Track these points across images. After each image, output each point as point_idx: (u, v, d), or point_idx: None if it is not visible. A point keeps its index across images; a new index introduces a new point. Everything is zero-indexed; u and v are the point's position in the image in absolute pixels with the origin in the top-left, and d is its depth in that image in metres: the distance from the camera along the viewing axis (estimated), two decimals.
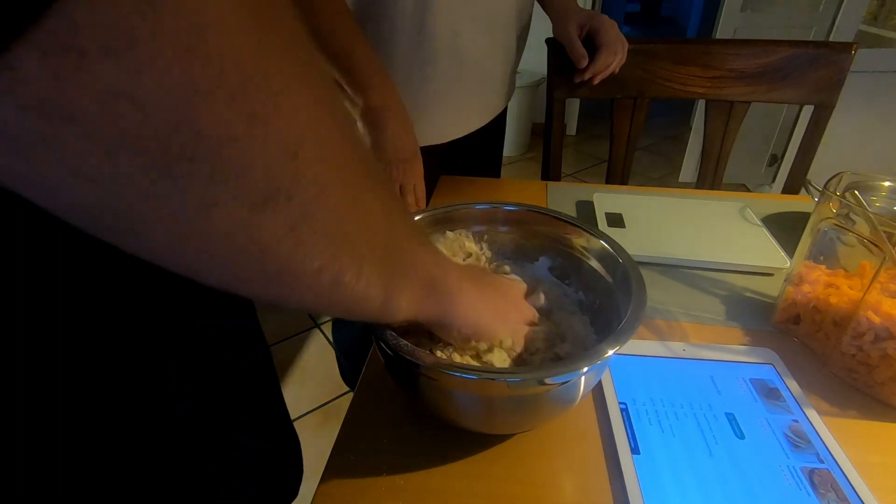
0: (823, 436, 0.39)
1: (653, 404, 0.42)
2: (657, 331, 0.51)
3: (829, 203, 0.45)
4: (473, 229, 0.48)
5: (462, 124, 0.81)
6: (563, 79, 0.89)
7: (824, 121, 0.88)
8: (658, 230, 0.65)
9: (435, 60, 0.71)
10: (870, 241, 0.42)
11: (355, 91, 0.58)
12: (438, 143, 0.78)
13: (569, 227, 0.45)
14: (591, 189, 0.76)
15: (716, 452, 0.38)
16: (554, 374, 0.31)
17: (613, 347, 0.32)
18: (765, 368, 0.46)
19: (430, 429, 0.40)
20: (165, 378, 0.35)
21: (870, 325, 0.42)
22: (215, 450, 0.41)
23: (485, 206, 0.48)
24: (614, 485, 0.36)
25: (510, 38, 0.80)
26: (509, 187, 0.81)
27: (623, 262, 0.41)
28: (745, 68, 0.86)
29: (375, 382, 0.44)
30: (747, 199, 0.74)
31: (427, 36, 0.68)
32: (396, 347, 0.32)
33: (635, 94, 0.91)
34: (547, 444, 0.39)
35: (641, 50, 0.87)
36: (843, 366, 0.44)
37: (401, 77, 0.70)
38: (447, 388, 0.34)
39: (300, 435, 0.54)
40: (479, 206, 0.47)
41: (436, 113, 0.76)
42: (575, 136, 3.23)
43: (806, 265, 0.48)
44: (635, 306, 0.36)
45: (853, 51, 0.83)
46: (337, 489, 0.36)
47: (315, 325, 1.67)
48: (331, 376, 1.50)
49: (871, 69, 1.76)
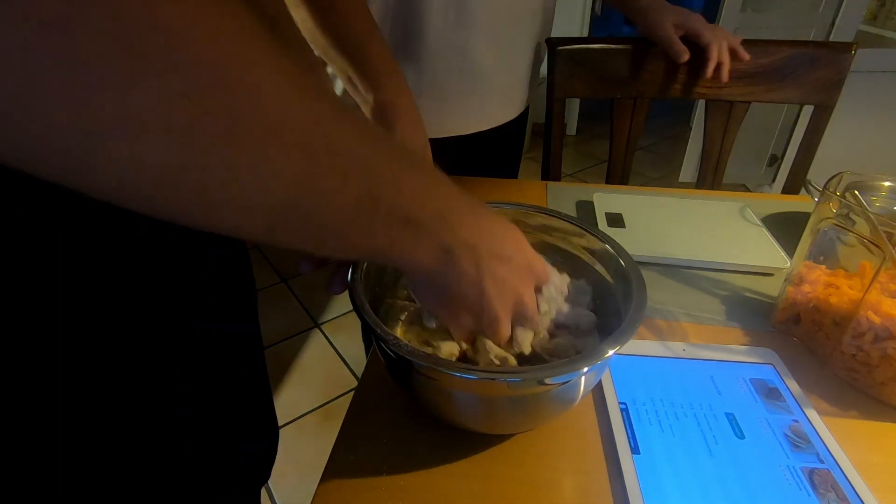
0: (823, 436, 0.39)
1: (653, 404, 0.42)
2: (657, 331, 0.51)
3: (829, 203, 0.45)
4: None
5: (458, 124, 0.81)
6: (563, 79, 0.89)
7: (824, 121, 0.88)
8: (658, 230, 0.65)
9: (429, 56, 0.72)
10: (870, 241, 0.42)
11: (367, 87, 0.57)
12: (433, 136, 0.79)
13: (569, 227, 0.45)
14: (591, 189, 0.76)
15: (716, 452, 0.38)
16: (554, 374, 0.31)
17: (613, 347, 0.32)
18: (765, 368, 0.46)
19: (430, 429, 0.40)
20: (167, 383, 0.35)
21: (870, 325, 0.42)
22: (213, 454, 0.41)
23: None
24: (614, 485, 0.36)
25: (522, 48, 0.81)
26: (509, 187, 0.81)
27: (623, 262, 0.41)
28: (745, 68, 0.86)
29: (375, 382, 0.44)
30: (747, 199, 0.74)
31: (416, 32, 0.69)
32: (396, 347, 0.32)
33: (635, 94, 0.91)
34: (547, 444, 0.39)
35: (641, 50, 0.87)
36: (843, 366, 0.44)
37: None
38: (447, 389, 0.34)
39: (300, 435, 0.55)
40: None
41: (432, 107, 0.77)
42: (575, 136, 3.23)
43: (806, 265, 0.48)
44: (635, 306, 0.36)
45: (853, 51, 0.83)
46: (337, 489, 0.36)
47: (315, 325, 1.67)
48: (331, 376, 1.50)
49: (871, 69, 1.76)
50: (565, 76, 0.89)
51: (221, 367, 0.41)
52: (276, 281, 1.86)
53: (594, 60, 0.88)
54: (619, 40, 0.88)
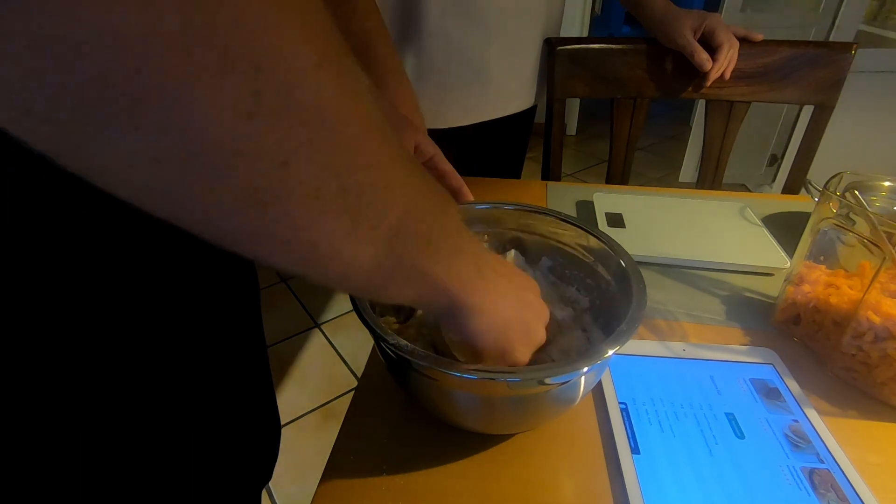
0: (823, 436, 0.39)
1: (653, 404, 0.42)
2: (657, 331, 0.51)
3: (829, 203, 0.45)
4: (474, 229, 0.48)
5: (458, 113, 0.81)
6: (563, 79, 0.89)
7: (824, 121, 0.88)
8: (658, 230, 0.65)
9: (428, 40, 0.73)
10: (870, 241, 0.42)
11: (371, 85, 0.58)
12: (436, 126, 0.80)
13: (569, 227, 0.45)
14: (591, 189, 0.76)
15: (716, 452, 0.38)
16: (554, 374, 0.31)
17: (613, 347, 0.32)
18: (765, 368, 0.46)
19: (430, 429, 0.40)
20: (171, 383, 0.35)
21: (870, 325, 0.42)
22: (217, 453, 0.41)
23: (485, 206, 0.48)
24: (614, 485, 0.36)
25: (525, 42, 0.81)
26: (509, 187, 0.81)
27: (623, 262, 0.41)
28: (745, 68, 0.86)
29: (375, 382, 0.44)
30: (747, 199, 0.74)
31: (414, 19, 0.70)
32: (397, 348, 0.32)
33: (635, 94, 0.91)
34: (547, 444, 0.39)
35: (641, 50, 0.87)
36: (843, 366, 0.44)
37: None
38: (447, 389, 0.34)
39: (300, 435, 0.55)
40: (479, 206, 0.47)
41: (433, 95, 0.78)
42: (575, 136, 3.23)
43: (806, 265, 0.48)
44: (635, 306, 0.36)
45: (853, 51, 0.83)
46: (337, 489, 0.36)
47: (315, 325, 1.67)
48: (331, 376, 1.50)
49: (871, 69, 1.76)
50: (565, 76, 0.89)
51: (226, 367, 0.41)
52: (276, 281, 1.86)
53: (594, 60, 0.88)
54: (619, 40, 0.88)
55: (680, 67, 0.86)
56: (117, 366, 0.31)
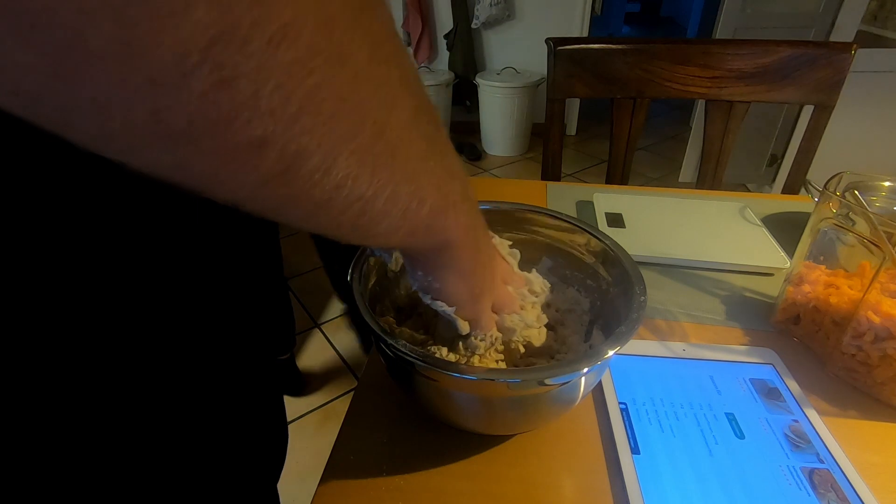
0: (823, 436, 0.39)
1: (653, 404, 0.42)
2: (657, 331, 0.51)
3: (829, 203, 0.45)
4: None
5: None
6: (563, 79, 0.89)
7: (824, 121, 0.88)
8: (658, 230, 0.65)
9: None
10: (870, 241, 0.42)
11: None
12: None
13: (569, 227, 0.45)
14: (591, 189, 0.76)
15: (716, 452, 0.38)
16: (554, 374, 0.31)
17: (613, 348, 0.32)
18: (765, 368, 0.46)
19: (430, 429, 0.40)
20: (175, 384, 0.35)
21: (870, 325, 0.42)
22: (229, 451, 0.41)
23: (484, 206, 0.48)
24: (614, 485, 0.36)
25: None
26: (509, 187, 0.81)
27: (623, 262, 0.41)
28: (745, 68, 0.86)
29: (375, 382, 0.44)
30: (747, 199, 0.74)
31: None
32: (396, 348, 0.32)
33: (635, 94, 0.91)
34: (547, 444, 0.39)
35: (641, 50, 0.87)
36: (843, 366, 0.44)
37: None
38: (447, 389, 0.34)
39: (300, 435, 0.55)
40: (479, 206, 0.47)
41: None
42: (575, 136, 3.23)
43: (806, 265, 0.48)
44: (635, 306, 0.36)
45: (853, 51, 0.83)
46: (337, 489, 0.36)
47: (315, 325, 1.67)
48: (331, 376, 1.50)
49: (871, 69, 1.76)
50: (565, 76, 0.89)
51: (238, 365, 0.41)
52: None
53: (594, 60, 0.88)
54: (619, 40, 0.88)
55: (680, 68, 0.86)
56: (129, 365, 0.31)
